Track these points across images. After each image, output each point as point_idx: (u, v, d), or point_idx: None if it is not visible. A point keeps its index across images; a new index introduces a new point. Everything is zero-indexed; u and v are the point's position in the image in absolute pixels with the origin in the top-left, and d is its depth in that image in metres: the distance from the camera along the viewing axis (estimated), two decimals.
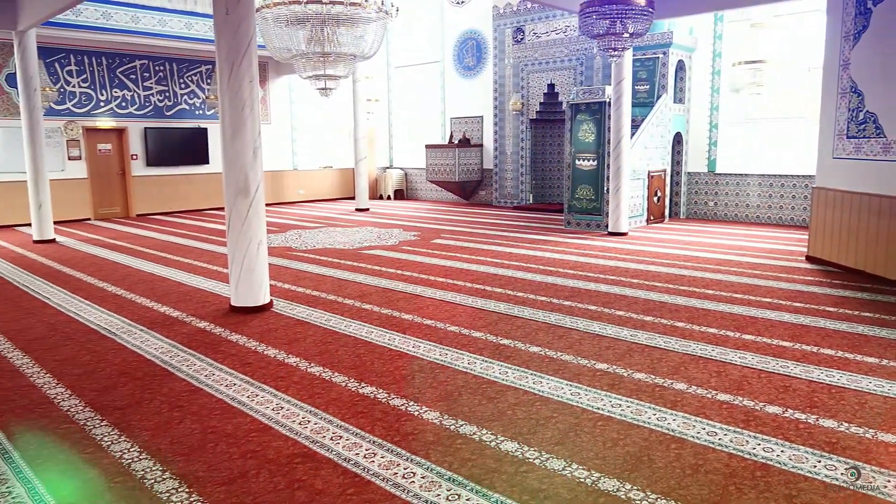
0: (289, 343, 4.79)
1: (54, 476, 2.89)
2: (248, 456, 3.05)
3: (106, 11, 12.06)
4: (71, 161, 13.30)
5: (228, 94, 5.46)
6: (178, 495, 2.71)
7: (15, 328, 5.34)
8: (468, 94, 15.66)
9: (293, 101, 16.68)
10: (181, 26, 13.03)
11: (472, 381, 3.95)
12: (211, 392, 3.85)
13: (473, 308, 5.72)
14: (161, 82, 14.42)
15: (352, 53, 9.81)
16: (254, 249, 5.60)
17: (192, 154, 14.90)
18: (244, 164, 5.51)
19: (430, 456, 3.00)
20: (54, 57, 12.81)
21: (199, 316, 5.63)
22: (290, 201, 16.81)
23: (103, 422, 3.46)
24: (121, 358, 4.54)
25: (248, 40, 5.48)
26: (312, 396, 3.75)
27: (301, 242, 9.80)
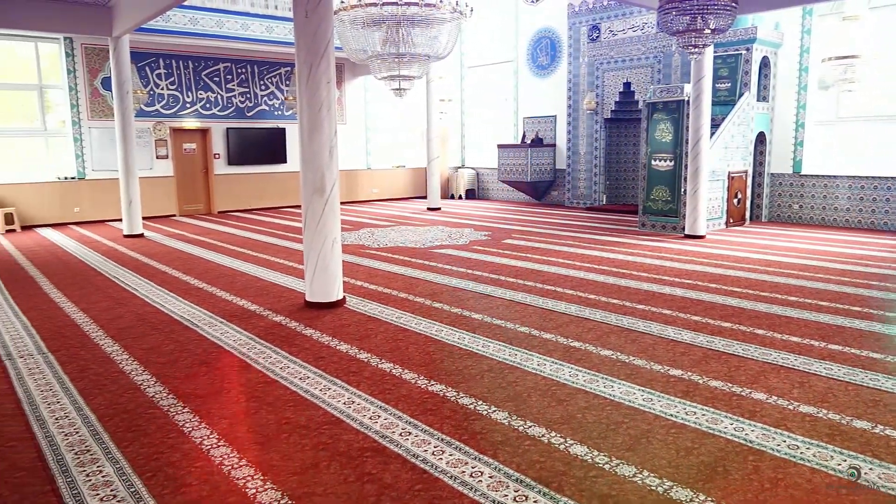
0: (360, 339, 4.88)
1: (141, 458, 3.04)
2: (319, 448, 3.12)
3: (193, 17, 12.60)
4: (158, 160, 13.99)
5: (306, 95, 5.61)
6: (253, 482, 2.81)
7: (106, 317, 5.66)
8: (541, 94, 15.54)
9: (368, 101, 16.98)
10: (262, 30, 13.47)
11: (542, 383, 3.92)
12: (286, 384, 3.97)
13: (544, 309, 5.68)
14: (243, 84, 14.95)
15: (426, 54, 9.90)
16: (328, 247, 5.73)
17: (270, 153, 15.39)
18: (320, 164, 5.65)
19: (499, 456, 3.00)
20: (145, 61, 13.49)
21: (276, 310, 5.81)
22: (363, 200, 17.11)
23: (185, 408, 3.62)
24: (202, 348, 4.73)
25: (326, 42, 5.62)
26: (383, 392, 3.81)
27: (373, 240, 9.97)
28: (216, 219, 13.73)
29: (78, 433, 3.32)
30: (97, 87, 13.06)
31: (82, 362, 4.46)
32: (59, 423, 3.46)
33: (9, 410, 3.65)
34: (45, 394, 3.88)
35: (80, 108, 12.92)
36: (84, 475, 2.89)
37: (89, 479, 2.86)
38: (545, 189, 15.74)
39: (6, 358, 4.57)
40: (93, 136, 13.07)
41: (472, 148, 17.87)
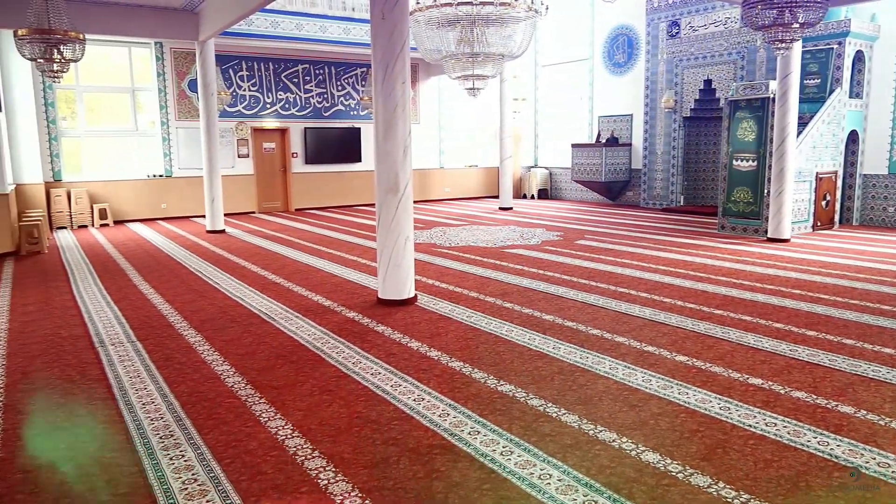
0: (431, 337, 4.92)
1: (220, 444, 3.16)
2: (389, 443, 3.17)
3: (274, 20, 13.01)
4: (240, 159, 14.52)
5: (382, 96, 5.70)
6: (325, 473, 2.88)
7: (190, 309, 5.92)
8: (617, 92, 15.23)
9: (441, 101, 17.09)
10: (340, 31, 13.77)
11: (614, 387, 3.84)
12: (357, 379, 4.05)
13: (617, 312, 5.57)
14: (320, 85, 15.33)
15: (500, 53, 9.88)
16: (401, 245, 5.81)
17: (346, 153, 15.72)
18: (395, 163, 5.73)
19: (568, 459, 2.96)
20: (229, 63, 14.02)
21: (349, 306, 5.93)
22: (435, 199, 17.24)
23: (262, 399, 3.74)
24: (278, 342, 4.89)
25: (402, 43, 5.68)
26: (452, 390, 3.83)
27: (445, 239, 10.03)
28: (293, 216, 14.13)
29: (162, 418, 3.49)
30: (184, 89, 13.67)
31: (167, 351, 4.68)
32: (145, 408, 3.65)
33: (101, 394, 3.88)
34: (134, 380, 4.10)
35: (169, 109, 13.56)
36: (168, 458, 3.03)
37: (172, 462, 3.00)
38: (620, 189, 15.43)
39: (99, 345, 4.85)
40: (179, 136, 13.70)
41: (546, 147, 17.70)
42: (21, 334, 5.20)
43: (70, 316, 5.77)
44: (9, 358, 4.60)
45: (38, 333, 5.21)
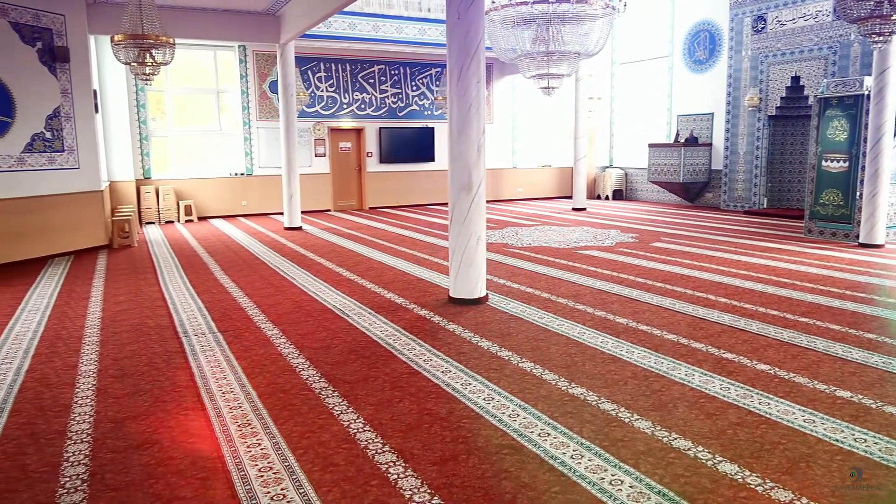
0: (502, 337, 4.90)
1: (294, 435, 3.25)
2: (458, 441, 3.18)
3: (352, 22, 13.28)
4: (317, 158, 14.89)
5: (456, 95, 5.72)
6: (395, 468, 2.91)
7: (268, 303, 6.12)
8: (697, 90, 14.76)
9: (515, 100, 17.02)
10: (415, 32, 13.92)
11: (689, 394, 3.73)
12: (428, 376, 4.08)
13: (694, 317, 5.40)
14: (395, 85, 15.53)
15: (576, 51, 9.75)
16: (473, 244, 5.81)
17: (420, 152, 15.88)
18: (468, 162, 5.74)
19: (640, 466, 2.89)
20: (307, 65, 14.40)
21: (420, 304, 5.98)
22: (508, 199, 17.18)
23: (335, 393, 3.83)
24: (351, 337, 4.98)
25: (477, 43, 5.69)
26: (522, 391, 3.80)
27: (517, 239, 9.98)
28: (367, 214, 14.38)
29: (240, 408, 3.62)
30: (265, 90, 14.13)
31: (246, 343, 4.85)
32: (225, 396, 3.79)
33: (184, 382, 4.06)
34: (214, 370, 4.27)
35: (250, 110, 14.05)
36: (245, 447, 3.14)
37: (250, 450, 3.10)
38: (699, 191, 14.95)
39: (183, 335, 5.08)
40: (260, 136, 14.17)
41: (621, 147, 17.35)
42: (113, 322, 5.50)
43: (157, 306, 6.06)
44: (102, 345, 4.87)
45: (127, 322, 5.51)
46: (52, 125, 8.87)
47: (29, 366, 4.42)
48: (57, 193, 8.95)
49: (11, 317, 5.76)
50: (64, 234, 9.10)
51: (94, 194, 9.57)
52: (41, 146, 8.74)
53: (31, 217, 8.59)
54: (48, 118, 8.83)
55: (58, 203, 8.96)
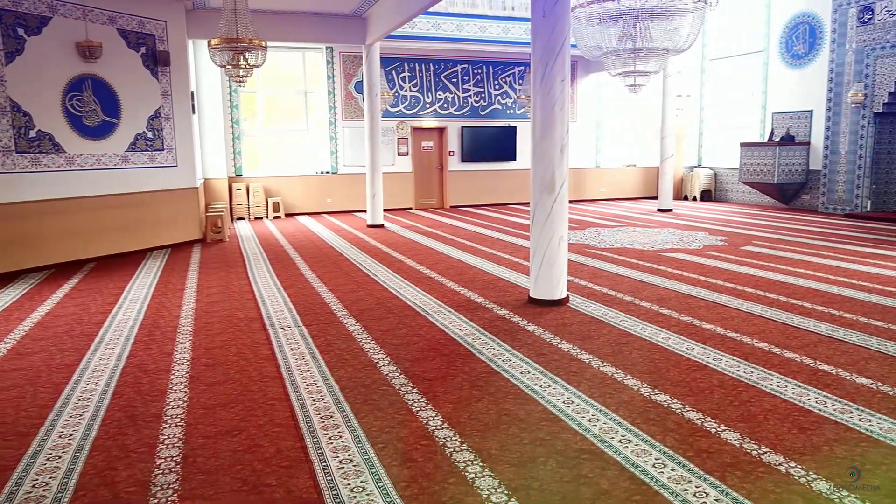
0: (582, 339, 4.82)
1: (374, 429, 3.31)
2: (537, 443, 3.15)
3: (436, 22, 13.38)
4: (400, 157, 15.11)
5: (540, 94, 5.66)
6: (472, 467, 2.92)
7: (350, 298, 6.25)
8: (795, 86, 14.02)
9: (600, 98, 16.70)
10: (499, 31, 13.89)
11: (781, 406, 3.55)
12: (507, 377, 4.06)
13: (788, 325, 5.13)
14: (478, 84, 15.55)
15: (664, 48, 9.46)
16: (555, 244, 5.74)
17: (501, 151, 15.84)
18: (551, 161, 5.68)
19: (727, 479, 2.78)
20: (392, 65, 14.62)
21: (500, 304, 5.97)
22: (591, 199, 16.89)
23: (414, 389, 3.87)
24: (431, 335, 5.02)
25: (562, 41, 5.61)
26: (603, 395, 3.73)
27: (599, 240, 9.79)
28: (448, 213, 14.47)
29: (323, 400, 3.72)
30: (351, 91, 14.46)
31: (329, 337, 4.98)
32: (308, 388, 3.90)
33: (270, 373, 4.20)
34: (299, 362, 4.40)
35: (336, 110, 14.41)
36: (327, 438, 3.22)
37: (331, 442, 3.18)
38: (794, 192, 14.21)
39: (270, 328, 5.26)
40: (345, 135, 14.51)
41: (710, 146, 16.71)
42: (205, 313, 5.77)
43: (246, 299, 6.31)
44: (195, 334, 5.12)
45: (218, 313, 5.76)
46: (153, 125, 9.40)
47: (129, 352, 4.70)
48: (156, 190, 9.47)
49: (114, 305, 6.14)
50: (162, 228, 9.62)
51: (190, 191, 10.06)
52: (143, 145, 9.27)
53: (133, 212, 9.13)
54: (150, 119, 9.35)
55: (157, 199, 9.48)
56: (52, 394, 3.90)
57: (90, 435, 3.31)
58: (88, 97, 8.50)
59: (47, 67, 8.00)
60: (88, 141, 8.53)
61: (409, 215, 14.07)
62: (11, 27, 7.61)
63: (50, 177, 8.08)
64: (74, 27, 8.26)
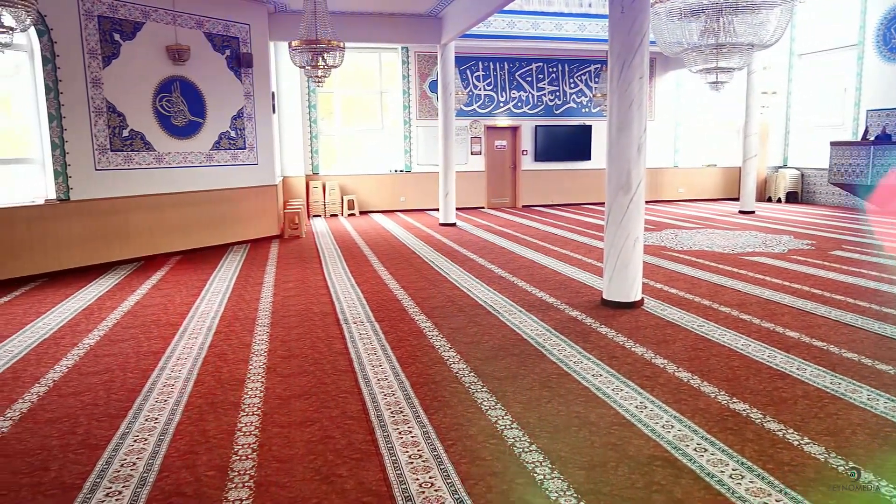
0: (657, 343, 4.70)
1: (443, 426, 3.33)
2: (608, 447, 3.09)
3: (511, 21, 13.33)
4: (473, 156, 15.14)
5: (617, 92, 5.55)
6: (541, 468, 2.89)
7: (422, 296, 6.31)
8: (893, 82, 13.20)
9: (679, 96, 16.23)
10: (575, 28, 13.70)
11: (872, 421, 3.35)
12: (578, 379, 4.01)
13: (880, 335, 4.84)
14: (553, 83, 15.40)
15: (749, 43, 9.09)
16: (630, 245, 5.62)
17: (576, 150, 15.63)
18: (627, 161, 5.56)
19: (809, 494, 2.65)
20: (466, 64, 14.66)
21: (572, 305, 5.89)
22: (668, 199, 16.44)
23: (483, 388, 3.87)
24: (501, 334, 5.01)
25: (641, 37, 5.49)
26: (678, 402, 3.62)
27: (676, 242, 9.51)
28: (520, 212, 14.40)
29: (394, 395, 3.77)
30: (425, 90, 14.59)
31: (400, 333, 5.04)
32: (380, 383, 3.96)
33: (343, 367, 4.29)
34: (371, 357, 4.48)
35: (410, 109, 14.57)
36: (397, 432, 3.26)
37: (401, 436, 3.22)
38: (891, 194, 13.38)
39: (344, 322, 5.38)
40: (419, 134, 14.66)
41: (797, 146, 15.95)
42: (282, 307, 5.94)
43: (321, 294, 6.47)
44: (272, 327, 5.29)
45: (294, 308, 5.92)
46: (235, 125, 9.76)
47: (210, 342, 4.90)
48: (238, 187, 9.83)
49: (197, 297, 6.42)
50: (243, 224, 9.98)
51: (269, 188, 10.40)
52: (226, 144, 9.65)
53: (216, 208, 9.51)
54: (233, 118, 9.71)
55: (238, 196, 9.84)
56: (139, 379, 4.11)
57: (174, 420, 3.48)
58: (177, 98, 8.92)
59: (140, 70, 8.44)
60: (176, 140, 8.95)
61: (481, 214, 14.07)
62: (109, 33, 8.06)
63: (140, 174, 8.53)
64: (165, 32, 8.68)
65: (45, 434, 3.33)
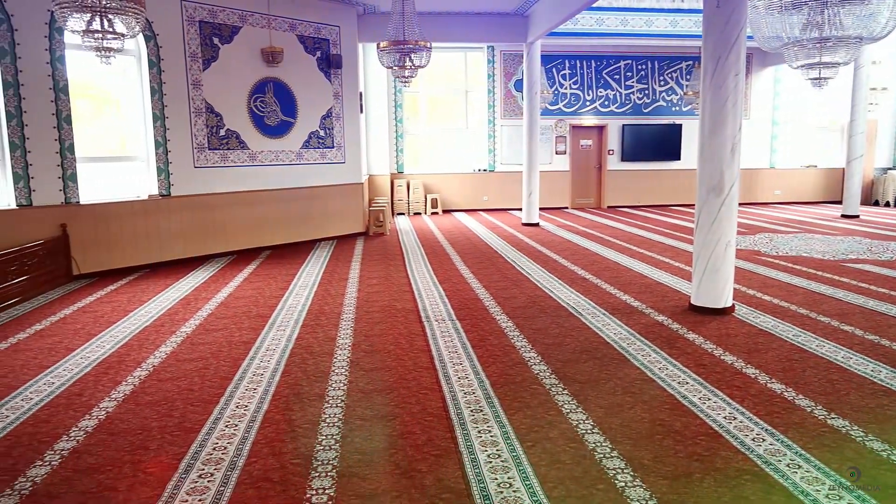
0: (749, 352, 4.50)
1: (523, 427, 3.31)
2: (693, 457, 2.99)
3: (599, 17, 13.06)
4: (557, 155, 14.96)
5: (711, 89, 5.35)
6: (622, 476, 2.82)
7: (504, 296, 6.29)
8: None
9: (777, 93, 15.47)
10: (666, 24, 13.28)
11: None
12: (663, 385, 3.89)
13: None
14: (641, 80, 15.00)
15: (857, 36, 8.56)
16: (721, 249, 5.40)
17: (664, 150, 15.18)
18: (720, 161, 5.34)
19: None
20: (552, 63, 14.50)
21: (658, 309, 5.72)
22: (763, 202, 15.70)
23: (565, 391, 3.81)
24: (583, 336, 4.93)
25: (738, 32, 5.26)
26: (770, 414, 3.45)
27: (771, 247, 9.07)
28: (605, 213, 14.12)
29: (474, 394, 3.78)
30: (510, 89, 14.54)
31: (482, 332, 5.04)
32: (460, 381, 3.98)
33: (425, 363, 4.34)
34: (452, 355, 4.50)
35: (495, 108, 14.56)
36: (476, 431, 3.27)
37: (480, 435, 3.22)
38: None
39: (425, 320, 5.43)
40: (503, 134, 14.62)
41: None
42: (366, 303, 6.07)
43: (403, 291, 6.56)
44: (356, 322, 5.41)
45: (378, 303, 6.04)
46: (324, 124, 10.04)
47: (297, 334, 5.06)
48: (325, 185, 10.11)
49: (286, 290, 6.65)
50: (329, 221, 10.26)
51: (355, 186, 10.64)
52: (315, 143, 9.94)
53: (304, 205, 9.82)
54: (322, 118, 10.00)
55: (326, 193, 10.13)
56: (231, 368, 4.30)
57: (262, 408, 3.62)
58: (270, 98, 9.27)
59: (236, 72, 8.82)
60: (268, 139, 9.30)
61: (564, 214, 13.89)
62: (209, 37, 8.47)
63: (235, 171, 8.92)
64: (260, 35, 9.03)
65: (145, 416, 3.54)
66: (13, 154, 6.72)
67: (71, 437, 3.28)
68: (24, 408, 3.67)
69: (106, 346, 4.82)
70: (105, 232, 7.49)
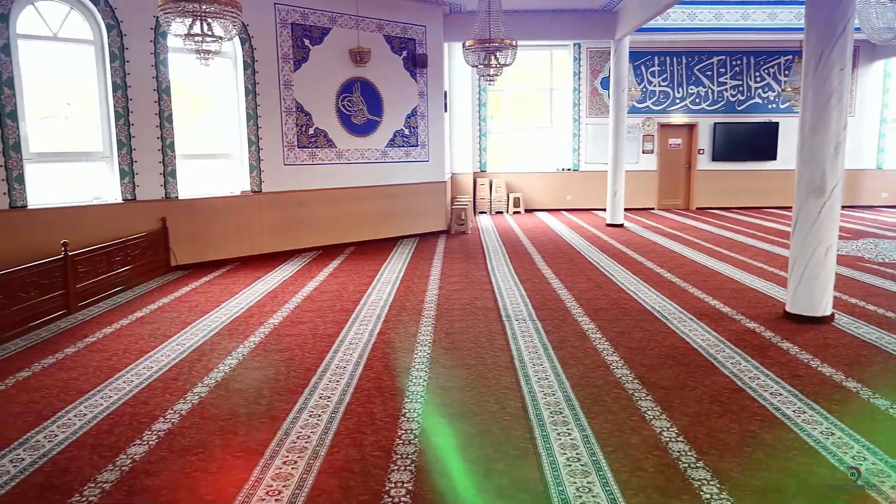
0: (849, 364, 4.23)
1: (604, 432, 3.24)
2: (786, 472, 2.84)
3: (691, 12, 12.60)
4: (644, 154, 14.56)
5: (813, 86, 5.06)
6: (708, 487, 2.72)
7: (585, 297, 6.18)
8: None
9: (886, 89, 14.48)
10: (764, 17, 12.66)
11: None
12: (753, 395, 3.72)
13: None
14: (735, 77, 14.39)
15: None
16: (820, 254, 5.10)
17: (759, 149, 14.50)
18: (822, 161, 5.05)
19: None
20: (640, 60, 14.11)
21: (749, 316, 5.47)
22: (868, 205, 14.75)
23: (648, 396, 3.71)
24: (669, 341, 4.77)
25: (844, 24, 4.96)
26: (872, 432, 3.23)
27: (876, 253, 8.51)
28: (694, 214, 13.64)
29: (553, 395, 3.73)
30: (596, 87, 14.26)
31: (562, 334, 4.97)
32: (540, 382, 3.94)
33: (505, 363, 4.32)
34: (532, 355, 4.46)
35: (580, 107, 14.32)
36: (556, 433, 3.22)
37: (559, 438, 3.18)
38: None
39: (506, 319, 5.41)
40: (588, 132, 14.36)
41: None
42: (447, 300, 6.11)
43: (484, 289, 6.56)
44: (437, 319, 5.45)
45: (458, 301, 6.06)
46: (409, 123, 10.17)
47: (379, 329, 5.15)
48: (409, 183, 10.24)
49: (369, 286, 6.77)
50: (412, 218, 10.39)
51: (438, 185, 10.72)
52: (400, 141, 10.08)
53: (388, 202, 9.98)
54: (407, 117, 10.13)
55: (409, 191, 10.25)
56: (315, 359, 4.42)
57: (344, 400, 3.70)
58: (357, 98, 9.47)
59: (325, 72, 9.06)
60: (355, 137, 9.51)
61: (650, 215, 13.51)
62: (300, 39, 8.74)
63: (323, 169, 9.17)
64: (348, 36, 9.24)
65: (234, 402, 3.69)
66: (120, 151, 7.16)
67: (167, 419, 3.47)
68: (125, 389, 3.91)
69: (200, 334, 5.06)
70: (200, 225, 7.87)
